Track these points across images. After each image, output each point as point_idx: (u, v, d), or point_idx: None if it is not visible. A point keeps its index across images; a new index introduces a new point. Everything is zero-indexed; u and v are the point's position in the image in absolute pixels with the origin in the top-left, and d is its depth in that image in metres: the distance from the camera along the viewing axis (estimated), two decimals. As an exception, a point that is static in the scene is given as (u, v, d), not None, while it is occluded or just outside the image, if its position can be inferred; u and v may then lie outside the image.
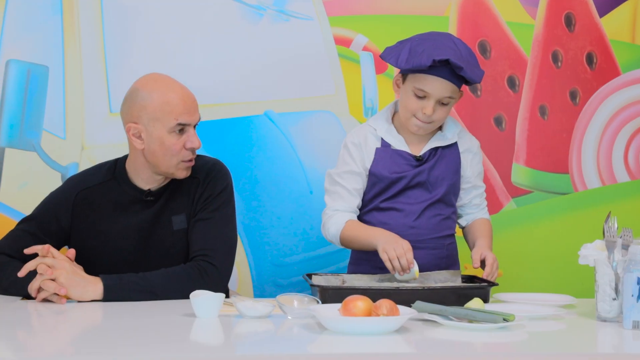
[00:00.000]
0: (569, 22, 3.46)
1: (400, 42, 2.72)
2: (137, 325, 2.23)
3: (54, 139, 3.25)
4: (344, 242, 2.74)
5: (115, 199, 2.65)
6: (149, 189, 2.65)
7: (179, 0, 3.31)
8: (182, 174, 2.62)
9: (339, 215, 2.73)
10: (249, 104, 3.34)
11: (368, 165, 2.74)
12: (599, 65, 3.48)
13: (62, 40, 3.26)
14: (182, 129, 2.58)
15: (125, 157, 2.70)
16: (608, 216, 2.30)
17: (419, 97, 2.65)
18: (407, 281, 2.54)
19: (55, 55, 3.25)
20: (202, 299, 2.24)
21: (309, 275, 2.59)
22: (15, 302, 2.48)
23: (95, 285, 2.45)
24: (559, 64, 3.46)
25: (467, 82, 2.68)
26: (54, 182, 3.23)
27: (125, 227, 2.63)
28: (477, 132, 3.41)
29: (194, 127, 2.61)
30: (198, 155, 2.68)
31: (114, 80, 3.28)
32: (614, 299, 2.24)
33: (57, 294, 2.42)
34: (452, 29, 3.39)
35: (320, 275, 2.61)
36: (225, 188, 2.67)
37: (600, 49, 3.47)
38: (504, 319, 2.10)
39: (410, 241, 2.61)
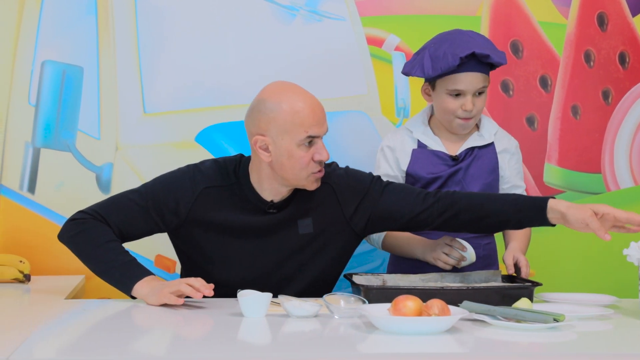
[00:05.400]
0: (602, 21, 3.46)
1: (417, 53, 2.76)
2: (185, 325, 2.24)
3: (89, 140, 3.26)
4: (385, 248, 2.77)
5: (237, 203, 2.55)
6: (272, 201, 2.55)
7: (212, 1, 3.31)
8: (313, 186, 2.52)
9: None
10: (282, 104, 3.34)
11: (404, 167, 2.76)
12: (632, 65, 3.47)
13: (96, 41, 3.27)
14: (311, 141, 2.47)
15: (249, 159, 2.59)
16: (655, 215, 2.30)
17: (455, 97, 2.68)
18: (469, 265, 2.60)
19: (89, 56, 3.26)
20: (250, 299, 2.25)
21: (350, 275, 2.59)
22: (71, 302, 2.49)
23: None
24: (592, 63, 3.46)
25: (492, 66, 2.72)
26: (89, 183, 3.25)
27: (244, 226, 2.54)
28: (509, 132, 3.39)
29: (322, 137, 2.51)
30: None
31: (148, 80, 3.28)
32: (662, 299, 2.24)
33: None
34: (484, 29, 3.39)
35: (361, 275, 2.61)
36: (368, 174, 2.64)
37: (633, 48, 3.47)
38: (555, 319, 2.10)
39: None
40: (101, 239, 2.49)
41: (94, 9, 3.26)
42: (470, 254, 2.59)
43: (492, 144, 2.80)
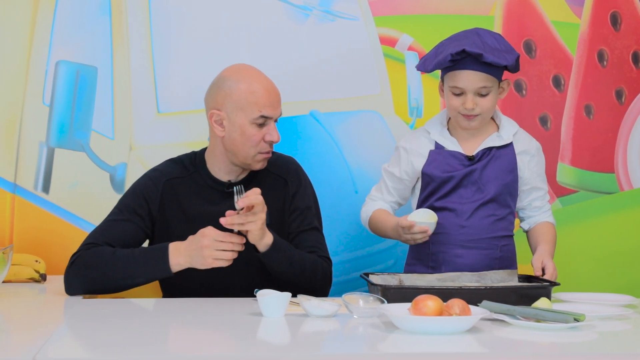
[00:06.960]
0: (615, 21, 3.46)
1: (433, 48, 2.79)
2: (204, 324, 2.25)
3: (103, 140, 3.27)
4: (371, 229, 2.87)
5: (199, 191, 2.68)
6: (229, 181, 2.68)
7: (226, 2, 3.32)
8: (258, 165, 2.66)
9: (372, 203, 2.87)
10: (295, 103, 3.34)
11: (419, 168, 2.78)
12: (645, 65, 3.48)
13: (110, 41, 3.27)
14: (263, 122, 2.61)
15: (204, 150, 2.74)
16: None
17: (457, 95, 2.69)
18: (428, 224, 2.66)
19: (103, 56, 3.26)
20: (269, 298, 2.25)
21: (367, 275, 2.59)
22: (80, 300, 2.49)
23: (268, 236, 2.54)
24: (605, 63, 3.46)
25: (508, 69, 2.70)
26: (103, 182, 3.26)
27: (209, 215, 2.62)
28: (523, 132, 3.42)
29: (275, 121, 2.65)
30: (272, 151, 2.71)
31: (161, 80, 3.29)
32: (682, 298, 2.24)
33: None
34: (497, 29, 3.39)
35: (377, 275, 2.61)
36: (315, 198, 2.80)
37: (646, 48, 3.47)
38: (575, 319, 2.10)
39: (461, 240, 2.67)
40: (106, 256, 2.54)
41: (107, 9, 3.27)
42: (426, 224, 2.64)
43: (510, 144, 2.79)
